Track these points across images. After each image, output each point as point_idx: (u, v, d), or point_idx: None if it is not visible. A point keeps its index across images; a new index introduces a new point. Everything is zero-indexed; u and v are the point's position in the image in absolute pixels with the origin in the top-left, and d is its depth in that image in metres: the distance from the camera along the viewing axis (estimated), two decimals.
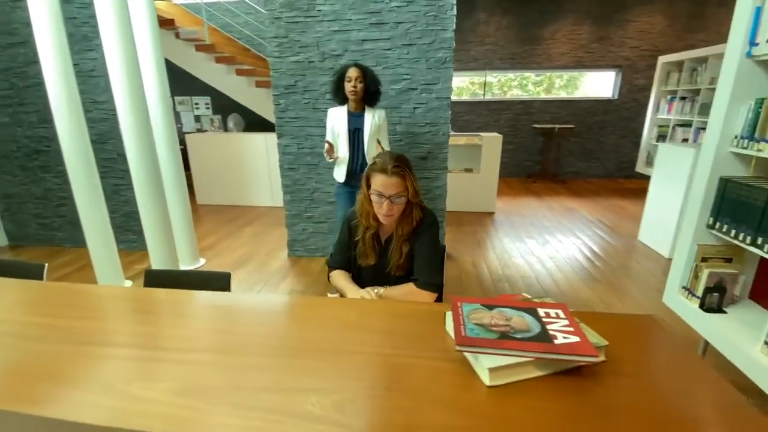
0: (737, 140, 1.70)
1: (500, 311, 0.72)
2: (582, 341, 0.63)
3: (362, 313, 0.89)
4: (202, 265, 3.25)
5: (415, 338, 0.76)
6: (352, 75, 2.25)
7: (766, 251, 1.54)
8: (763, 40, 1.54)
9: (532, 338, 0.64)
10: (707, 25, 5.66)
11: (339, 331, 0.80)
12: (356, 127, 2.36)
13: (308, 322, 0.85)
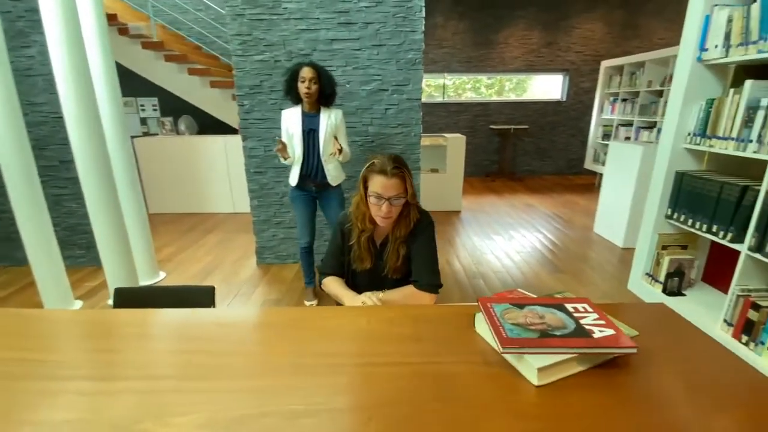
0: (691, 137, 1.86)
1: (531, 309, 0.72)
2: (618, 333, 0.64)
3: (378, 320, 0.86)
4: (162, 279, 3.01)
5: (445, 343, 0.74)
6: (306, 75, 2.13)
7: (721, 237, 1.70)
8: (712, 46, 1.70)
9: (571, 334, 0.64)
10: (641, 32, 6.21)
11: (360, 342, 0.75)
12: (311, 128, 2.25)
13: (322, 335, 0.80)
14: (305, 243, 2.51)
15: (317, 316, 0.88)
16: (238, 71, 2.82)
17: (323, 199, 2.47)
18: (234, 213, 4.79)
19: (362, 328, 0.82)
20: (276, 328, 0.84)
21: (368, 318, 0.86)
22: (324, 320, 0.85)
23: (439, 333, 0.77)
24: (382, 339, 0.76)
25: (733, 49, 1.61)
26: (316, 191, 2.41)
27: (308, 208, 2.46)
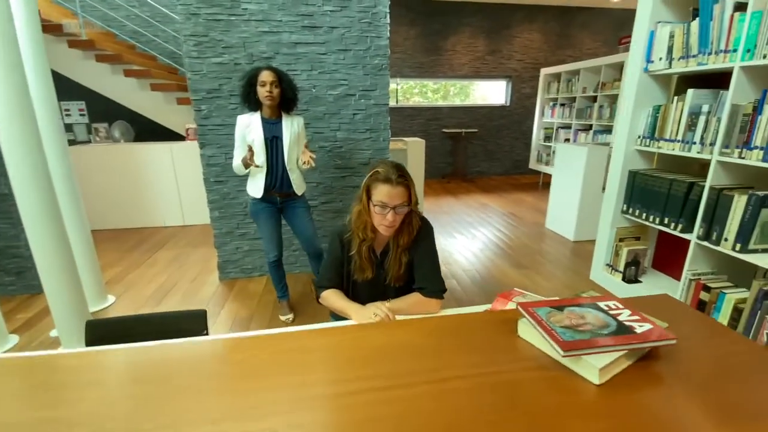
0: (641, 140, 2.07)
1: (571, 311, 0.75)
2: (655, 327, 0.69)
3: (420, 333, 0.83)
4: (111, 303, 2.71)
5: (494, 351, 0.74)
6: (266, 79, 2.02)
7: (672, 228, 1.91)
8: (657, 59, 1.90)
9: (617, 332, 0.68)
10: (573, 43, 6.80)
11: (412, 359, 0.72)
12: (273, 135, 2.15)
13: (365, 355, 0.75)
14: (274, 257, 2.38)
15: (349, 336, 0.83)
16: (193, 74, 2.63)
17: (289, 210, 2.37)
18: (184, 226, 4.45)
19: (407, 343, 0.79)
20: (307, 353, 0.77)
21: (399, 333, 0.84)
22: (359, 339, 0.80)
23: (485, 342, 0.77)
24: (433, 353, 0.74)
25: (675, 62, 1.83)
26: (281, 202, 2.30)
27: (274, 220, 2.34)
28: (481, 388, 0.63)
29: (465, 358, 0.71)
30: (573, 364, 0.66)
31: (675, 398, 0.61)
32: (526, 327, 0.75)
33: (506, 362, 0.70)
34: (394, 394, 0.62)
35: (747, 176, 1.67)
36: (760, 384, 0.64)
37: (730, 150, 1.60)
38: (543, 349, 0.72)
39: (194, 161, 4.24)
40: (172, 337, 1.12)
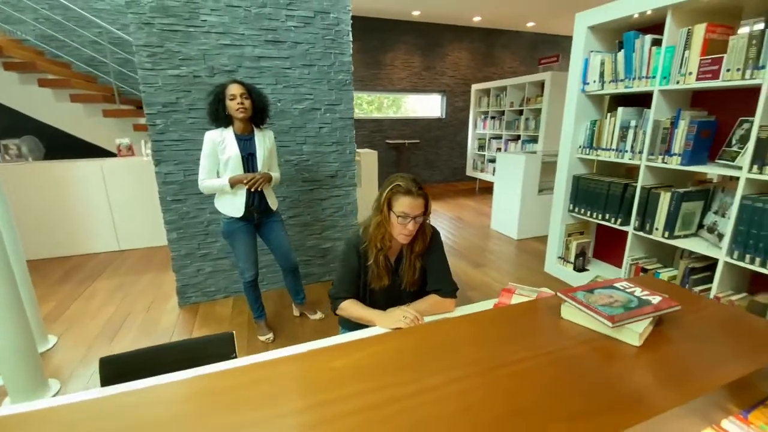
0: (582, 149, 2.43)
1: (600, 293, 0.92)
2: (665, 298, 0.88)
3: (461, 327, 0.93)
4: (54, 344, 2.37)
5: (545, 334, 0.87)
6: (235, 92, 1.98)
7: (613, 222, 2.27)
8: (592, 81, 2.27)
9: (642, 304, 0.85)
10: (496, 61, 7.53)
11: (463, 353, 0.80)
12: (249, 152, 2.11)
13: (413, 358, 0.79)
14: (251, 276, 2.30)
15: (394, 342, 0.88)
16: (146, 86, 2.46)
17: (265, 226, 2.33)
18: (121, 251, 4.01)
19: (463, 337, 0.88)
20: (362, 363, 0.80)
21: (441, 330, 0.93)
22: (408, 342, 0.86)
23: (534, 327, 0.90)
24: (490, 343, 0.84)
25: (607, 84, 2.21)
26: (257, 219, 2.25)
27: (251, 239, 2.28)
28: (544, 366, 0.75)
29: (521, 344, 0.82)
30: (616, 333, 0.82)
31: (690, 349, 0.79)
32: (570, 309, 0.90)
33: (558, 341, 0.83)
34: (471, 382, 0.70)
35: (669, 177, 2.08)
36: (737, 331, 0.87)
37: (654, 157, 1.99)
38: (586, 325, 0.87)
39: (130, 180, 3.88)
40: (202, 364, 1.08)
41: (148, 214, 4.02)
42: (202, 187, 2.12)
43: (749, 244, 1.61)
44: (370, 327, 1.29)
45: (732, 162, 1.71)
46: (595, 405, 0.65)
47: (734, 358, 0.77)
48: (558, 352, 0.80)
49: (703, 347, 0.81)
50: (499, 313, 0.97)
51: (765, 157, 1.54)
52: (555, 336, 0.86)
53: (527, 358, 0.79)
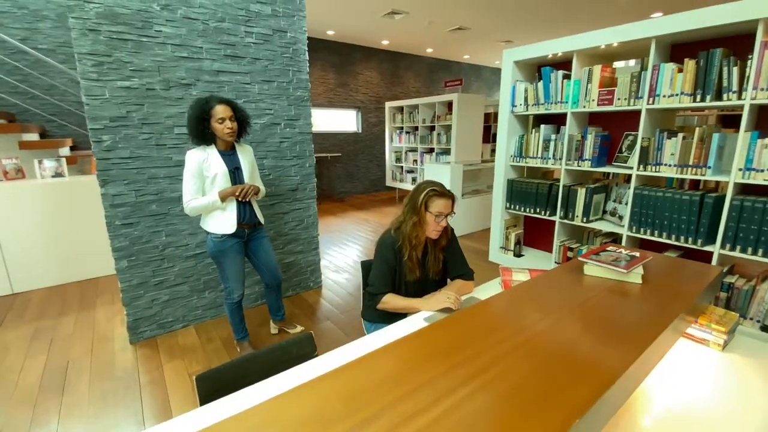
0: (513, 158, 2.99)
1: (604, 254, 1.30)
2: (642, 253, 1.31)
3: (530, 291, 1.21)
4: None
5: (575, 288, 1.21)
6: (224, 115, 1.96)
7: (543, 215, 2.86)
8: (519, 104, 2.85)
9: (633, 258, 1.26)
10: (402, 81, 8.25)
11: (514, 322, 1.07)
12: (235, 166, 2.12)
13: (469, 335, 1.06)
14: (239, 296, 2.25)
15: (478, 313, 1.11)
16: (90, 99, 2.21)
17: (254, 242, 2.30)
18: (14, 294, 3.30)
19: (506, 310, 1.14)
20: (447, 342, 1.03)
21: (497, 306, 1.20)
22: (492, 312, 1.11)
23: (566, 284, 1.24)
24: (535, 307, 1.12)
25: (530, 107, 2.80)
26: (248, 234, 2.23)
27: (241, 257, 2.23)
28: (582, 313, 1.08)
29: (566, 295, 1.15)
30: (626, 277, 1.20)
31: (661, 283, 1.22)
32: (591, 267, 1.26)
33: (588, 290, 1.18)
34: (537, 330, 0.99)
35: (582, 177, 2.75)
36: (682, 270, 1.34)
37: (571, 162, 2.62)
38: (604, 276, 1.24)
39: (22, 209, 3.24)
40: (286, 368, 1.16)
41: (52, 247, 3.41)
42: (190, 208, 2.01)
43: (641, 221, 2.29)
44: (395, 322, 1.44)
45: (625, 164, 2.40)
46: (626, 326, 0.99)
47: (688, 285, 1.23)
48: (591, 297, 1.15)
49: (668, 281, 1.25)
50: (532, 283, 1.28)
51: (647, 159, 2.23)
52: (585, 287, 1.21)
53: (574, 305, 1.11)
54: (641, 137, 2.23)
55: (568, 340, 0.91)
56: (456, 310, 1.43)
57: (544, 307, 1.10)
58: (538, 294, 1.20)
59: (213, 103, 1.97)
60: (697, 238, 2.07)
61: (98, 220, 3.57)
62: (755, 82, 1.77)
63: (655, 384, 1.06)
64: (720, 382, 1.07)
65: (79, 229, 3.53)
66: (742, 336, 1.28)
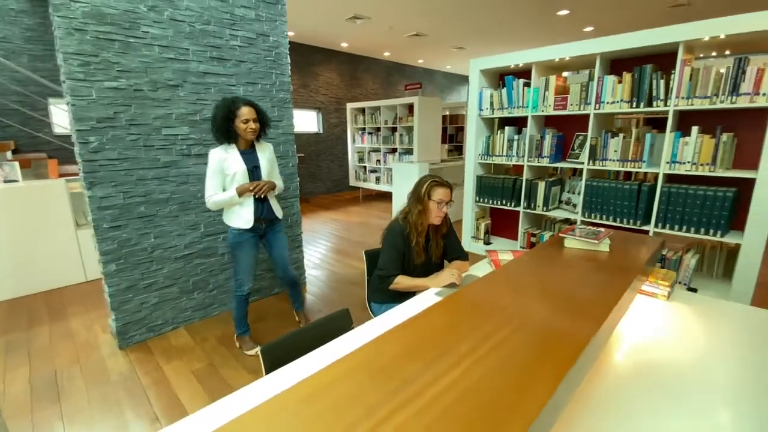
0: (481, 156, 3.33)
1: (578, 230, 1.61)
2: (606, 228, 1.65)
3: (525, 265, 1.48)
4: None
5: (558, 258, 1.51)
6: (249, 116, 2.10)
7: (508, 206, 3.22)
8: (485, 108, 3.19)
9: (600, 232, 1.58)
10: (360, 83, 8.44)
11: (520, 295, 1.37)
12: (254, 165, 2.23)
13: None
14: (248, 289, 2.35)
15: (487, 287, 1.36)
16: (76, 99, 2.16)
17: (271, 235, 2.41)
18: None
19: (512, 278, 1.42)
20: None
21: (507, 273, 1.47)
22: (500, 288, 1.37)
23: (553, 255, 1.52)
24: (532, 273, 1.42)
25: (496, 110, 3.14)
26: (265, 229, 2.34)
27: (256, 250, 2.35)
28: (565, 277, 1.37)
29: (552, 264, 1.44)
30: (597, 246, 1.51)
31: (621, 249, 1.56)
32: (570, 240, 1.56)
33: (569, 258, 1.48)
34: (531, 292, 1.27)
35: (541, 172, 3.14)
36: (634, 240, 1.70)
37: (532, 159, 2.99)
38: (580, 246, 1.55)
39: None
40: (331, 339, 1.33)
41: (8, 258, 3.17)
42: (211, 203, 2.13)
43: (592, 207, 2.71)
44: (404, 301, 1.64)
45: (577, 159, 2.81)
46: (601, 283, 1.30)
47: (641, 252, 1.58)
48: (573, 264, 1.45)
49: (626, 249, 1.59)
50: (526, 257, 1.56)
51: (595, 155, 2.65)
52: (566, 256, 1.51)
53: (562, 270, 1.40)
54: (590, 137, 2.64)
55: (562, 299, 1.19)
56: (459, 285, 1.68)
57: (539, 273, 1.38)
58: (534, 264, 1.47)
59: (239, 104, 2.09)
60: (636, 219, 2.51)
61: (58, 227, 3.39)
62: (677, 92, 2.22)
63: (624, 327, 1.38)
64: (668, 322, 1.41)
65: (38, 238, 3.31)
66: (677, 291, 1.66)
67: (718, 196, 2.15)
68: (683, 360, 1.17)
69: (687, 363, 1.16)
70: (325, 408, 0.72)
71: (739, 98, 2.03)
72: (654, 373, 1.11)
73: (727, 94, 2.07)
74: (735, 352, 1.21)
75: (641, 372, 1.12)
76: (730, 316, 1.44)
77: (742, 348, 1.23)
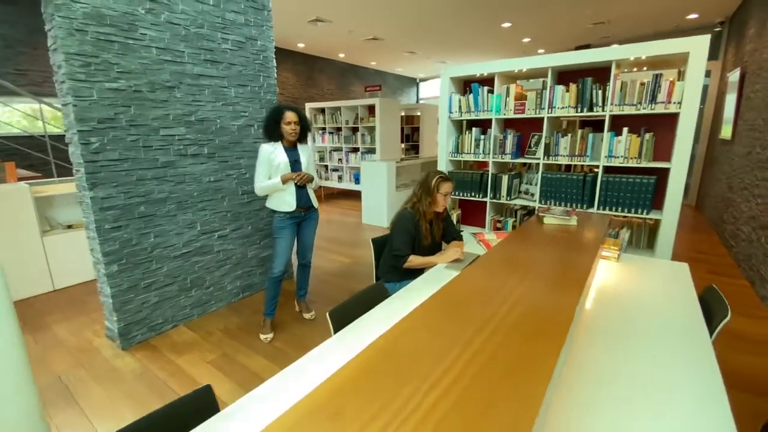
0: (452, 153, 3.74)
1: (552, 211, 2.03)
2: (571, 210, 2.08)
3: (517, 243, 1.86)
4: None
5: (541, 233, 1.91)
6: (291, 119, 2.46)
7: (477, 197, 3.67)
8: (455, 111, 3.60)
9: (568, 211, 2.01)
10: (316, 83, 8.55)
11: (533, 250, 1.76)
12: (294, 159, 2.56)
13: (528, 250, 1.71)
14: (280, 272, 2.59)
15: (480, 276, 1.73)
16: (78, 100, 2.17)
17: (306, 222, 2.71)
18: None
19: (508, 251, 1.81)
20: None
21: (506, 247, 1.84)
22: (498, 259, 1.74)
23: (535, 231, 1.92)
24: (522, 246, 1.81)
25: (464, 113, 3.55)
26: (303, 216, 2.63)
27: (294, 235, 2.64)
28: (550, 241, 1.79)
29: (534, 240, 1.84)
30: (569, 222, 1.94)
31: (585, 223, 2.01)
32: (549, 218, 1.97)
33: (548, 232, 1.89)
34: (520, 282, 1.67)
35: (502, 167, 3.62)
36: (592, 220, 2.17)
37: (497, 156, 3.45)
38: (556, 223, 1.97)
39: None
40: (375, 305, 1.61)
41: None
42: (259, 188, 2.51)
43: (547, 196, 3.23)
44: (416, 277, 1.97)
45: (534, 155, 3.32)
46: (574, 250, 1.73)
47: (599, 226, 2.05)
48: (553, 237, 1.86)
49: (588, 224, 2.05)
50: (515, 234, 1.95)
51: (549, 152, 3.17)
52: (546, 231, 1.93)
53: (542, 243, 1.81)
54: (544, 136, 3.16)
55: (552, 263, 1.58)
56: (462, 260, 2.03)
57: (535, 244, 1.77)
58: (523, 237, 1.86)
59: (285, 110, 2.46)
60: (583, 204, 3.06)
61: (20, 235, 3.19)
62: (611, 100, 2.78)
63: (593, 284, 1.82)
64: (621, 278, 1.88)
65: (0, 247, 3.09)
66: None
67: (644, 182, 2.74)
68: (636, 298, 1.63)
69: (638, 299, 1.61)
70: (403, 358, 0.90)
71: (656, 105, 2.62)
72: (617, 311, 1.54)
73: (647, 102, 2.66)
74: (666, 288, 1.70)
75: (608, 314, 1.54)
76: (659, 269, 1.96)
77: (669, 285, 1.73)
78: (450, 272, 1.91)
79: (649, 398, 1.03)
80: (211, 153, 2.85)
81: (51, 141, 4.07)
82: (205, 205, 2.84)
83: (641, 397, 1.03)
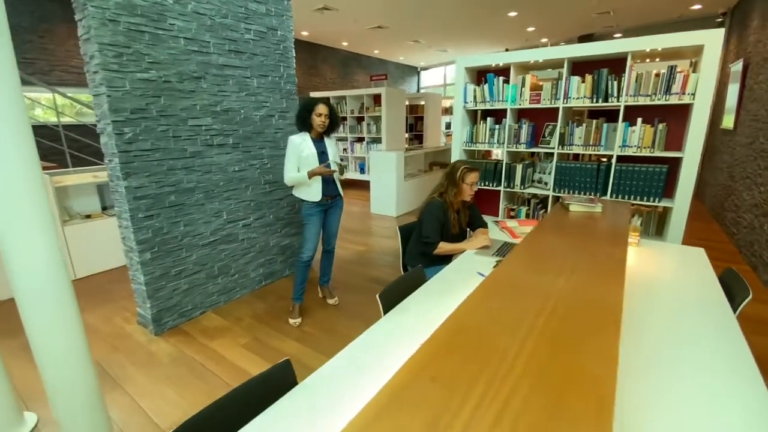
0: (466, 143, 3.81)
1: (574, 199, 2.13)
2: (594, 197, 2.18)
3: (547, 231, 1.94)
4: (36, 424, 1.88)
5: (568, 219, 2.01)
6: (322, 112, 2.56)
7: (492, 186, 3.76)
8: (470, 101, 3.65)
9: (591, 199, 2.11)
10: (319, 72, 8.50)
11: (562, 238, 1.86)
12: (322, 150, 2.63)
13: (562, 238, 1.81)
14: (308, 257, 2.67)
15: (528, 250, 1.81)
16: (112, 90, 2.19)
17: (331, 209, 2.78)
18: None
19: (536, 242, 1.90)
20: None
21: (539, 236, 1.93)
22: (538, 245, 1.81)
23: (562, 219, 2.02)
24: (559, 227, 1.90)
25: (479, 103, 3.60)
26: (329, 203, 2.70)
27: (321, 221, 2.72)
28: (578, 226, 1.88)
29: (569, 222, 1.93)
30: (594, 209, 2.04)
31: (609, 209, 2.11)
32: (575, 205, 2.06)
33: (575, 219, 1.98)
34: (561, 246, 1.77)
35: (518, 156, 3.70)
36: (616, 207, 2.27)
37: (511, 145, 3.52)
38: (581, 210, 2.06)
39: None
40: (418, 287, 1.70)
41: None
42: (287, 178, 2.59)
43: (561, 185, 3.32)
44: (447, 263, 2.07)
45: (548, 145, 3.40)
46: (602, 232, 1.83)
47: (621, 211, 2.14)
48: (580, 224, 1.96)
49: (612, 209, 2.14)
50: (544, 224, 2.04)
51: (563, 141, 3.25)
52: (572, 218, 2.02)
53: (572, 232, 1.90)
54: (559, 126, 3.24)
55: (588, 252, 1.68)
56: (490, 246, 2.12)
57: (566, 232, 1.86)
58: (554, 226, 1.95)
59: (317, 101, 2.54)
60: (596, 192, 3.16)
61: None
62: (626, 91, 2.86)
63: None
64: (643, 261, 1.98)
65: None
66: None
67: (656, 171, 2.84)
68: (661, 279, 1.73)
69: (662, 281, 1.72)
70: (471, 338, 1.09)
71: (671, 96, 2.70)
72: (645, 291, 1.65)
73: (662, 93, 2.74)
74: (687, 270, 1.81)
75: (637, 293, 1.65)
76: (676, 253, 2.07)
77: (689, 268, 1.84)
78: (480, 258, 2.00)
79: (688, 360, 1.13)
80: (236, 143, 2.89)
81: (64, 131, 4.06)
82: (230, 194, 2.89)
83: (686, 359, 1.14)
